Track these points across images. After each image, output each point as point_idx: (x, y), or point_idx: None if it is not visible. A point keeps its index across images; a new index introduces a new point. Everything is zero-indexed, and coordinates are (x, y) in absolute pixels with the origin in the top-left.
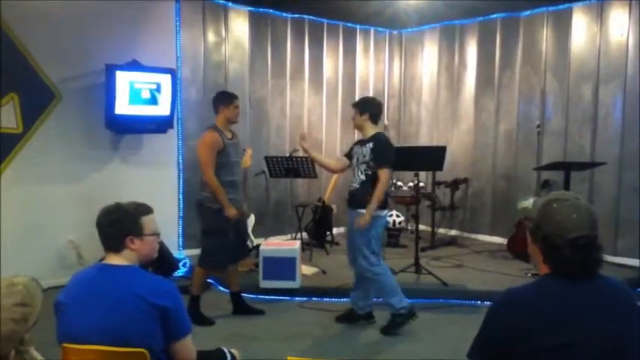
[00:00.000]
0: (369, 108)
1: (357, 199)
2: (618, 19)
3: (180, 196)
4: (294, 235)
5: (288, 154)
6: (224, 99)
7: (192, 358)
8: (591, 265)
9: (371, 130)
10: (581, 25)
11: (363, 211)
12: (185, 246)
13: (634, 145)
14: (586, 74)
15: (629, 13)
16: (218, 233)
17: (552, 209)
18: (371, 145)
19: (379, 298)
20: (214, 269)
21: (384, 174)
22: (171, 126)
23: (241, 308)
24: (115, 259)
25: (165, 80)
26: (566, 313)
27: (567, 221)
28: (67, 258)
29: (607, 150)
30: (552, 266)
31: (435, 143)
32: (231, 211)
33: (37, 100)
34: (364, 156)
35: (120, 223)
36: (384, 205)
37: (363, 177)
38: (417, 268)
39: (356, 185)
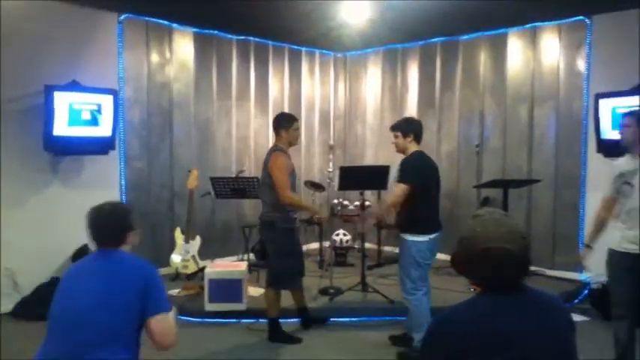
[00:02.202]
0: (413, 128)
1: (398, 222)
2: (550, 43)
3: None
4: (241, 256)
5: (234, 175)
6: (285, 121)
7: (170, 333)
8: (508, 277)
9: (413, 149)
10: (516, 49)
11: (403, 235)
12: None
13: (568, 164)
14: (521, 96)
15: (559, 38)
16: (291, 252)
17: (468, 227)
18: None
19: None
20: (289, 288)
21: (398, 187)
22: (112, 147)
23: (307, 323)
24: None
25: (107, 101)
26: (501, 330)
27: (477, 235)
28: (2, 286)
29: (543, 168)
30: (475, 282)
31: (380, 163)
32: (322, 213)
33: None
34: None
35: (125, 220)
36: (421, 229)
37: None
38: (364, 286)
39: None
